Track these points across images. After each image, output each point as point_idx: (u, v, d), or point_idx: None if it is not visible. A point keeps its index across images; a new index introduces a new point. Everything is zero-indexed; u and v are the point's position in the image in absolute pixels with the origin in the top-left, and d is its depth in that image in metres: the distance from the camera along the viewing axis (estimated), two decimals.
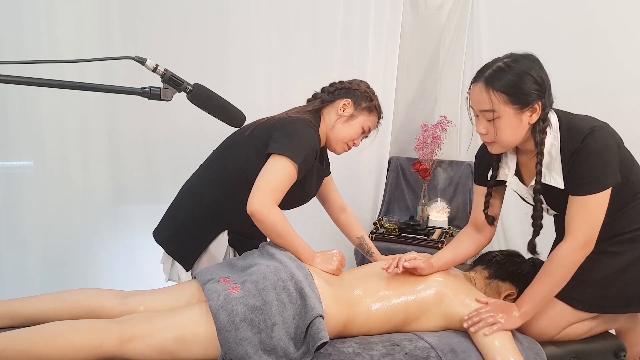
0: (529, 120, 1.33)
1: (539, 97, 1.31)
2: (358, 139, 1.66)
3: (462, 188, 2.97)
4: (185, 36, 2.28)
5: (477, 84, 1.35)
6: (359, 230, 1.85)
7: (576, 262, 1.35)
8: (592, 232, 1.34)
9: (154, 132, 2.31)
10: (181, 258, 1.61)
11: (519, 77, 1.30)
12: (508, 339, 1.31)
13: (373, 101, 1.65)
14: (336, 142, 1.64)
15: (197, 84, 1.02)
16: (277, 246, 1.48)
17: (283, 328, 1.21)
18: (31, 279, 2.14)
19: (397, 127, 3.09)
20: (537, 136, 1.34)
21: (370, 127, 1.67)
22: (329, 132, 1.63)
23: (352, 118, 1.62)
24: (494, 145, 1.39)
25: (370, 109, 1.64)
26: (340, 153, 1.68)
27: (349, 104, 1.62)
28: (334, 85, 1.68)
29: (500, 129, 1.33)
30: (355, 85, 1.65)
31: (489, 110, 1.32)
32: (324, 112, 1.64)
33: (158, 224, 1.69)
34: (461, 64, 3.03)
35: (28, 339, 1.13)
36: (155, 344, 1.18)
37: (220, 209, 1.59)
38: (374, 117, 1.66)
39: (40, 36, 2.02)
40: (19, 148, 2.08)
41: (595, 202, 1.32)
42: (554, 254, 1.37)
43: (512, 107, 1.31)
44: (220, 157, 1.64)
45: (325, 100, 1.64)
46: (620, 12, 2.24)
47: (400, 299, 1.39)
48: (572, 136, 1.33)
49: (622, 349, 1.50)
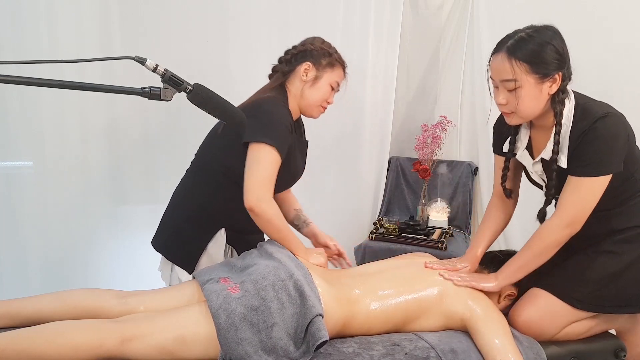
0: (549, 91, 1.34)
1: (559, 67, 1.32)
2: (330, 97, 1.64)
3: (462, 188, 2.97)
4: (185, 36, 2.28)
5: (499, 54, 1.36)
6: (296, 203, 1.84)
7: (558, 239, 1.38)
8: (580, 213, 1.35)
9: (154, 132, 2.31)
10: (182, 262, 1.61)
11: (541, 47, 1.31)
12: (508, 338, 1.31)
13: (332, 55, 1.61)
14: (310, 108, 1.63)
15: (197, 84, 1.02)
16: (276, 245, 1.48)
17: (283, 327, 1.21)
18: (31, 279, 2.14)
19: (397, 127, 3.09)
20: (557, 107, 1.35)
21: (338, 82, 1.65)
22: (299, 101, 1.61)
23: (317, 80, 1.60)
24: (513, 116, 1.39)
25: (332, 64, 1.61)
26: (318, 116, 1.67)
27: (309, 67, 1.59)
28: (289, 52, 1.64)
29: (521, 98, 1.34)
30: (309, 45, 1.61)
31: (511, 79, 1.33)
32: (288, 84, 1.62)
33: (155, 232, 1.68)
34: (461, 64, 3.03)
35: (28, 339, 1.13)
36: (156, 343, 1.18)
37: (212, 207, 1.59)
38: (338, 70, 1.63)
39: (40, 36, 2.02)
40: (19, 148, 2.08)
41: (590, 185, 1.33)
42: (539, 228, 1.41)
43: (533, 76, 1.32)
44: (202, 156, 1.65)
45: (285, 72, 1.62)
46: (621, 12, 2.24)
47: (400, 298, 1.39)
48: (584, 118, 1.34)
49: (622, 349, 1.50)
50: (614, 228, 1.42)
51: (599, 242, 1.40)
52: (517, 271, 1.45)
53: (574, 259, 1.48)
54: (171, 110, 2.25)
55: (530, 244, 1.42)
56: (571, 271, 1.46)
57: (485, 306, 1.38)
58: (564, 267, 1.48)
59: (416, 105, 3.15)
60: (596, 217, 1.41)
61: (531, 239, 1.43)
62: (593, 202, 1.35)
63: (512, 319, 1.46)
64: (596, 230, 1.44)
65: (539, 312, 1.43)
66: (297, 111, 1.64)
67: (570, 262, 1.48)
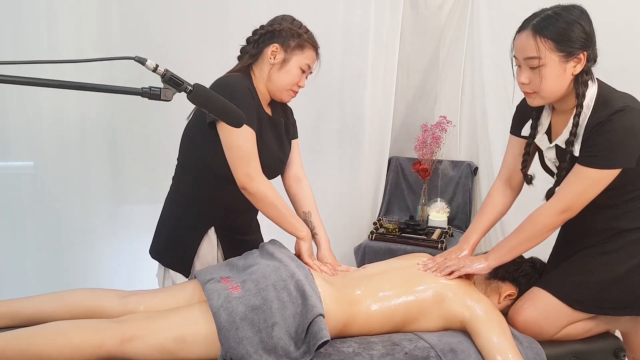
0: (573, 71, 1.32)
1: (584, 46, 1.30)
2: (301, 80, 1.55)
3: (462, 188, 2.98)
4: (185, 36, 2.28)
5: (524, 31, 1.34)
6: (309, 205, 1.68)
7: (550, 224, 1.37)
8: (577, 202, 1.35)
9: (154, 132, 2.31)
10: (178, 267, 1.59)
11: (568, 25, 1.29)
12: (508, 338, 1.31)
13: (302, 36, 1.51)
14: (279, 92, 1.53)
15: (197, 84, 1.02)
16: (277, 245, 1.48)
17: (283, 327, 1.21)
18: (31, 279, 2.14)
19: (397, 127, 3.09)
20: (579, 88, 1.33)
21: (309, 64, 1.55)
22: (267, 84, 1.52)
23: (286, 63, 1.50)
24: (535, 96, 1.37)
25: (301, 46, 1.51)
26: (289, 100, 1.59)
27: (277, 49, 1.49)
28: (256, 32, 1.55)
29: (545, 76, 1.31)
30: (277, 25, 1.51)
31: (535, 57, 1.31)
32: (255, 68, 1.53)
33: (151, 241, 1.67)
34: (461, 64, 3.03)
35: (28, 339, 1.13)
36: (156, 343, 1.18)
37: (197, 203, 1.57)
38: (309, 52, 1.53)
39: (40, 36, 2.02)
40: (19, 148, 2.08)
41: (595, 177, 1.32)
42: (534, 211, 1.40)
43: (557, 54, 1.30)
44: (181, 155, 1.63)
45: (253, 54, 1.53)
46: (620, 13, 2.23)
47: (400, 299, 1.39)
48: (603, 109, 1.32)
49: (622, 349, 1.49)
50: (622, 227, 1.41)
51: (605, 242, 1.39)
52: (508, 253, 1.45)
53: (577, 258, 1.47)
54: (171, 110, 2.25)
55: (523, 226, 1.42)
56: (573, 272, 1.45)
57: (485, 307, 1.38)
58: (566, 267, 1.48)
59: (416, 105, 3.16)
60: (603, 213, 1.41)
61: (525, 221, 1.42)
62: (593, 194, 1.33)
63: (512, 318, 1.46)
64: (603, 226, 1.43)
65: (538, 312, 1.43)
66: (267, 94, 1.56)
67: (573, 262, 1.47)
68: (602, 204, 1.37)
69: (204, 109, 1.07)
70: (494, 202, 1.62)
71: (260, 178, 1.43)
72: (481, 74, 2.83)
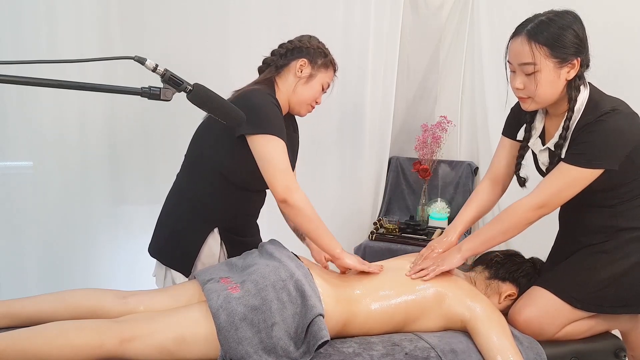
0: (567, 77, 1.34)
1: (578, 52, 1.32)
2: (319, 97, 1.63)
3: (462, 188, 2.97)
4: (185, 36, 2.28)
5: (518, 37, 1.35)
6: None
7: (526, 218, 1.38)
8: (555, 199, 1.35)
9: (154, 132, 2.31)
10: (178, 266, 1.59)
11: (561, 30, 1.30)
12: (508, 338, 1.31)
13: (328, 56, 1.61)
14: (300, 105, 1.60)
15: (197, 84, 1.02)
16: (277, 245, 1.48)
17: (283, 327, 1.21)
18: (31, 279, 2.14)
19: (397, 127, 3.09)
20: (572, 93, 1.34)
21: (329, 83, 1.64)
22: (290, 96, 1.59)
23: (312, 78, 1.58)
24: (530, 101, 1.39)
25: (326, 65, 1.60)
26: (305, 115, 1.65)
27: (305, 64, 1.57)
28: (284, 46, 1.61)
29: (539, 82, 1.32)
30: (307, 42, 1.59)
31: (530, 63, 1.32)
32: (279, 79, 1.59)
33: (151, 239, 1.66)
34: (461, 64, 3.03)
35: (28, 339, 1.13)
36: (156, 343, 1.18)
37: (204, 205, 1.57)
38: (330, 72, 1.63)
39: (40, 36, 2.02)
40: (19, 148, 2.08)
41: (574, 175, 1.33)
42: (511, 204, 1.41)
43: (552, 60, 1.31)
44: (191, 155, 1.63)
45: (279, 66, 1.59)
46: (619, 13, 2.23)
47: (400, 299, 1.39)
48: (593, 112, 1.33)
49: (622, 349, 1.49)
50: (620, 226, 1.41)
51: (604, 241, 1.39)
52: (482, 244, 1.46)
53: (577, 257, 1.47)
54: (171, 110, 2.25)
55: (499, 218, 1.43)
56: (574, 270, 1.46)
57: (485, 307, 1.38)
58: (566, 266, 1.48)
59: (416, 105, 3.15)
60: (602, 212, 1.41)
61: (501, 213, 1.42)
62: (572, 192, 1.34)
63: (512, 317, 1.46)
64: (601, 225, 1.43)
65: (538, 311, 1.43)
66: (287, 106, 1.61)
67: (572, 261, 1.48)
68: (600, 204, 1.37)
69: (203, 109, 1.06)
70: (480, 197, 1.63)
71: (299, 190, 1.43)
72: (481, 74, 2.83)
